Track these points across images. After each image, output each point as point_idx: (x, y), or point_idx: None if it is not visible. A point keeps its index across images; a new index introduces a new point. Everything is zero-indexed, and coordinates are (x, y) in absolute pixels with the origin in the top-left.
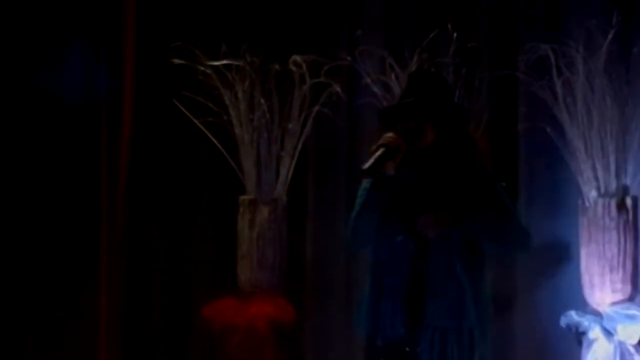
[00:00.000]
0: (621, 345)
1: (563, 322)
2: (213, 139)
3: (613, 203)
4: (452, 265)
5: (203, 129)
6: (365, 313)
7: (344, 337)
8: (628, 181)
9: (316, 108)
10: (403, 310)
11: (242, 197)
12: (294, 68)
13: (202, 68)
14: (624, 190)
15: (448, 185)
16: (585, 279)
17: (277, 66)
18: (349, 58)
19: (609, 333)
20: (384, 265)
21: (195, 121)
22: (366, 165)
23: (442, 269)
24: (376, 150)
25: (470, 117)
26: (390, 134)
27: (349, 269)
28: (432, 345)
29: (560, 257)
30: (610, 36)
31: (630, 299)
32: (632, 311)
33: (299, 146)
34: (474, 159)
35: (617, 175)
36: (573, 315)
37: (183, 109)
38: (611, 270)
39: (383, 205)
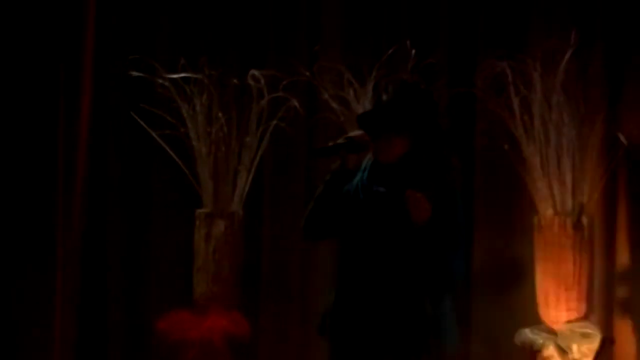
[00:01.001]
0: None
1: (517, 340)
2: (170, 152)
3: (569, 221)
4: (414, 283)
5: (160, 141)
6: (330, 323)
7: (299, 350)
8: (584, 199)
9: (274, 122)
10: (366, 323)
11: (199, 211)
12: (252, 82)
13: (161, 81)
14: (580, 209)
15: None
16: (540, 297)
17: (235, 80)
18: (307, 73)
19: (563, 351)
20: (349, 278)
21: (153, 134)
22: (320, 146)
23: (404, 286)
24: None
25: (446, 139)
26: (359, 131)
27: (306, 283)
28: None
29: (515, 274)
30: (567, 54)
31: (585, 317)
32: (587, 329)
33: (256, 160)
34: (443, 184)
35: (573, 194)
36: (527, 333)
37: (140, 122)
38: (566, 289)
39: (349, 214)
